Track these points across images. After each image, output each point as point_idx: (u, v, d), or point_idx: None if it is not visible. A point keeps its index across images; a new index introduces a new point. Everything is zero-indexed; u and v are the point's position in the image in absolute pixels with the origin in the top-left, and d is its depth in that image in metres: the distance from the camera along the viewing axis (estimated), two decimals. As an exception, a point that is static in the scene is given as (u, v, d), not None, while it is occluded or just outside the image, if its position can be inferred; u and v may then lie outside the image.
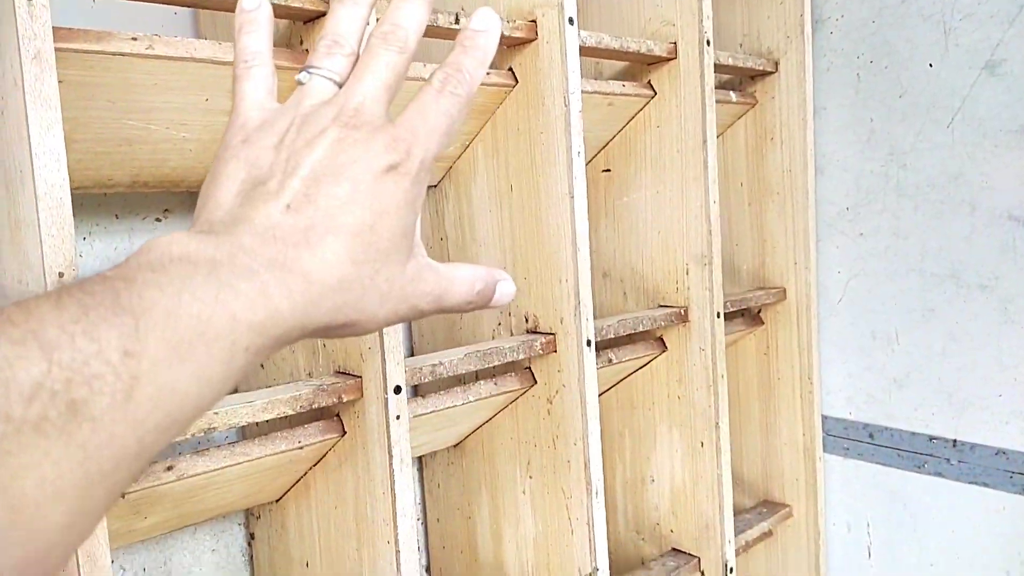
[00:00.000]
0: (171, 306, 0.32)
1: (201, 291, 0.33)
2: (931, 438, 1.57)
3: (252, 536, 1.30)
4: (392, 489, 0.98)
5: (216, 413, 0.86)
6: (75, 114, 0.88)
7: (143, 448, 0.31)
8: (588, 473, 1.22)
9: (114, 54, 0.81)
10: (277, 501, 1.22)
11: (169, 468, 0.89)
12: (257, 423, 1.20)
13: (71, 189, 0.98)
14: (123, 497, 0.86)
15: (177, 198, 1.22)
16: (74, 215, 1.14)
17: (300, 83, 0.43)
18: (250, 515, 1.30)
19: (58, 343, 0.29)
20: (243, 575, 1.32)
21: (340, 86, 0.42)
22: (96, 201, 1.15)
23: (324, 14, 0.95)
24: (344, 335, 0.41)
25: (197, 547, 1.27)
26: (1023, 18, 1.39)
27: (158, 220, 1.21)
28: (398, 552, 0.98)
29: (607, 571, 1.25)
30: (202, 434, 0.86)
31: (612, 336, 1.35)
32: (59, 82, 0.75)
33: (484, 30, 0.43)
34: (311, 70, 0.43)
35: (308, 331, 0.38)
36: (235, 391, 1.26)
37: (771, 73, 1.66)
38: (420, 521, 1.56)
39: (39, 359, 0.29)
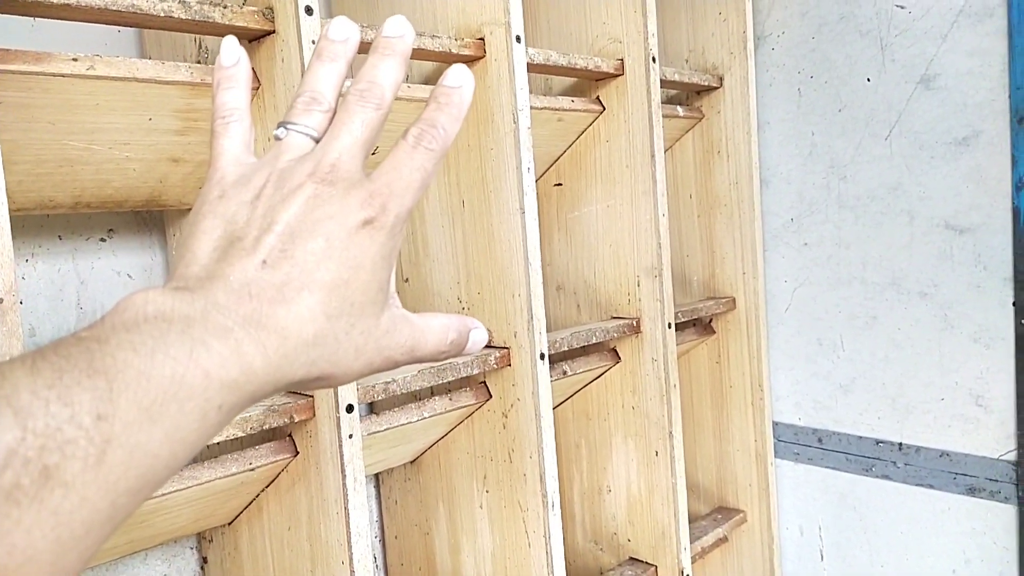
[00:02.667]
0: (144, 367, 0.32)
1: (175, 350, 0.33)
2: (878, 442, 1.62)
3: (205, 560, 1.28)
4: (346, 508, 0.97)
5: (164, 437, 0.85)
6: (14, 136, 0.86)
7: (115, 511, 0.31)
8: (544, 486, 1.23)
9: (54, 75, 0.80)
10: (229, 524, 1.20)
11: (116, 494, 0.87)
12: (207, 445, 1.19)
13: (11, 211, 0.96)
14: (68, 525, 0.84)
15: (121, 218, 1.21)
16: (16, 237, 1.12)
17: (277, 138, 0.43)
18: (202, 539, 1.28)
19: (32, 409, 0.29)
20: (196, 600, 1.30)
21: (317, 141, 0.42)
22: (38, 222, 1.13)
23: (269, 33, 0.95)
24: (318, 387, 0.41)
25: (148, 572, 1.25)
26: (956, 34, 1.45)
27: (103, 240, 1.19)
28: (353, 572, 0.98)
29: (564, 583, 1.26)
30: (150, 459, 0.85)
31: (566, 348, 1.36)
32: (-4, 104, 0.73)
33: (459, 87, 0.43)
34: (288, 126, 0.43)
35: (282, 386, 0.38)
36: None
37: (716, 88, 1.70)
38: (378, 538, 1.55)
39: (13, 426, 0.29)
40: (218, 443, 1.17)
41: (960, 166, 1.45)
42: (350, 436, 0.97)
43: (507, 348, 1.25)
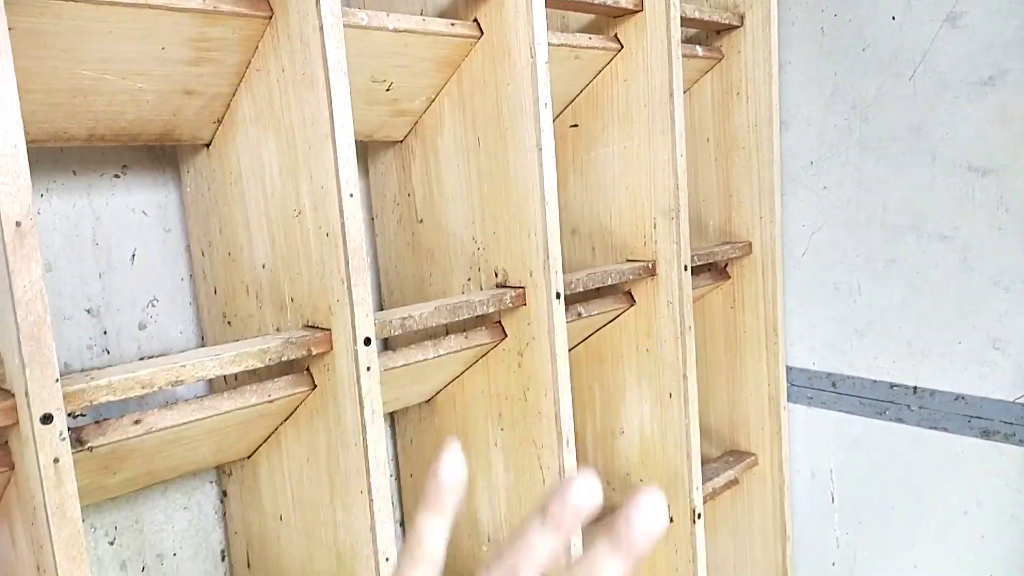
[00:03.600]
0: None
1: None
2: (892, 385, 1.62)
3: (225, 493, 1.30)
4: (364, 440, 0.98)
5: (183, 366, 0.86)
6: (27, 63, 0.85)
7: None
8: (559, 424, 1.24)
9: (66, 0, 0.79)
10: (249, 457, 1.22)
11: (137, 422, 0.88)
12: (226, 379, 1.20)
13: (26, 142, 0.96)
14: (91, 451, 0.85)
15: (135, 154, 1.20)
16: (30, 171, 1.11)
17: None
18: (222, 472, 1.30)
19: None
20: (216, 532, 1.32)
21: None
22: (52, 157, 1.13)
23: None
24: None
25: (169, 505, 1.27)
26: (984, -30, 1.40)
27: (117, 176, 1.19)
28: (371, 501, 0.99)
29: (578, 519, 1.28)
30: (170, 387, 0.86)
31: (581, 290, 1.36)
32: (9, 29, 0.72)
33: (654, 532, 0.32)
34: None
35: None
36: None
37: (737, 27, 1.66)
38: (393, 477, 1.57)
39: None
40: (236, 377, 1.18)
41: (985, 106, 1.42)
42: (368, 369, 0.98)
43: (522, 288, 1.25)
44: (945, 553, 1.58)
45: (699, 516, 1.54)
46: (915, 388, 1.58)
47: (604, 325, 1.58)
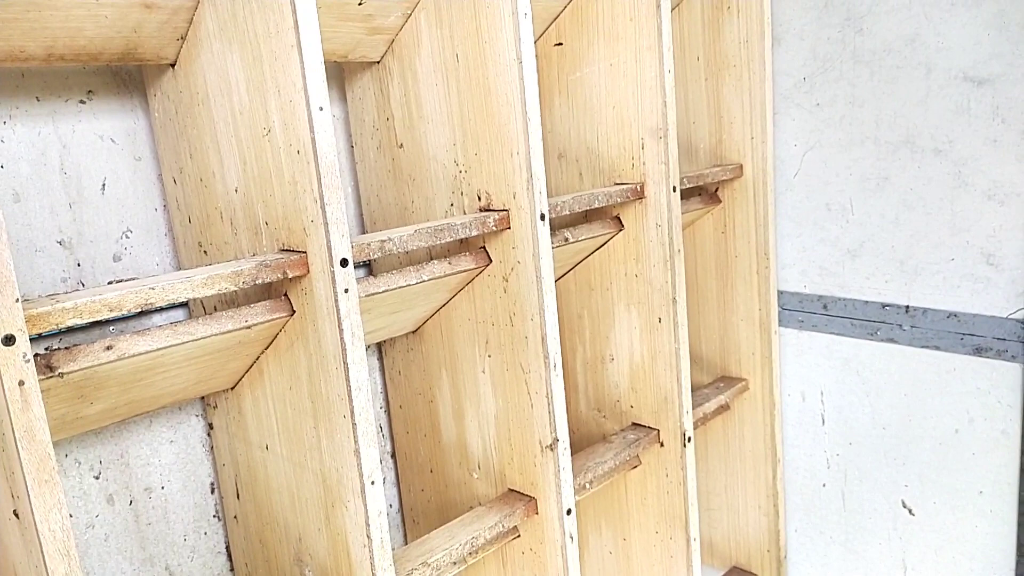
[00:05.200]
0: None
1: None
2: (884, 305, 1.60)
3: (211, 426, 1.29)
4: (345, 363, 0.96)
5: (152, 288, 0.83)
6: (-31, -29, 0.80)
7: None
8: (545, 347, 1.22)
9: None
10: (232, 388, 1.20)
11: (109, 348, 0.86)
12: (204, 308, 1.17)
13: (-23, 60, 0.91)
14: (62, 378, 0.83)
15: (100, 78, 1.15)
16: (-12, 95, 1.07)
17: None
18: (207, 405, 1.28)
19: None
20: (204, 465, 1.32)
21: None
22: (14, 82, 1.08)
23: None
24: None
25: (154, 439, 1.26)
26: None
27: (82, 102, 1.14)
28: (355, 425, 0.98)
29: (567, 441, 1.27)
30: (136, 313, 0.83)
31: (568, 213, 1.33)
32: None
33: None
34: None
35: None
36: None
37: (726, -63, 1.60)
38: (383, 408, 1.56)
39: None
40: (215, 306, 1.16)
41: (982, 12, 1.37)
42: (346, 291, 0.95)
43: (506, 210, 1.22)
44: (936, 471, 1.59)
45: (689, 440, 1.53)
46: (907, 307, 1.57)
47: (593, 252, 1.55)
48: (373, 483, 1.00)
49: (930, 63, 1.44)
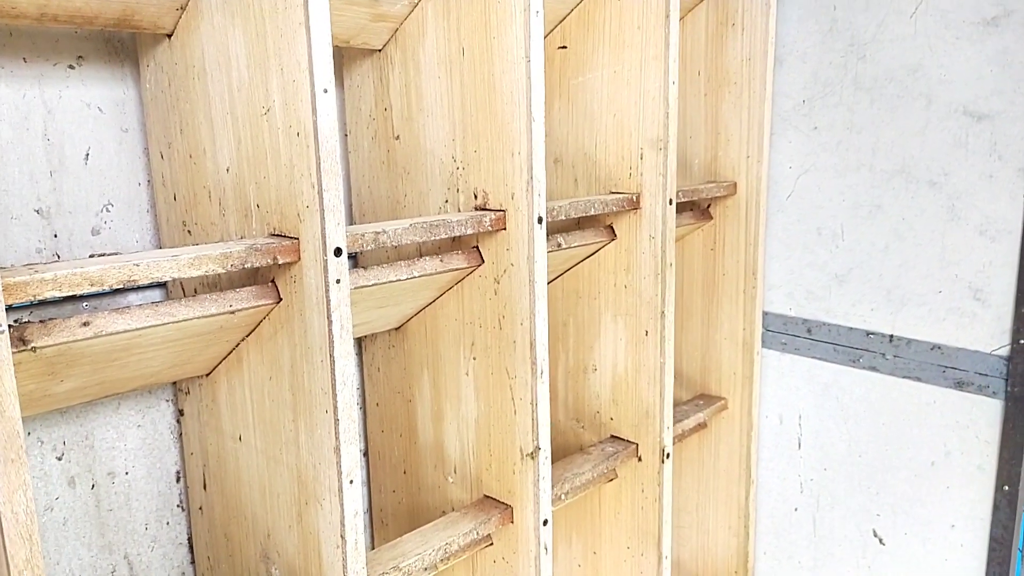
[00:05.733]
0: None
1: None
2: (868, 333, 1.60)
3: (181, 412, 1.24)
4: (331, 356, 0.93)
5: (137, 265, 0.79)
6: (-35, -83, 0.76)
7: None
8: (533, 353, 1.20)
9: None
10: (207, 375, 1.16)
11: (86, 324, 0.82)
12: (184, 291, 1.13)
13: (-35, 12, 0.87)
14: (35, 352, 0.79)
15: (92, 44, 1.11)
16: (-28, 51, 1.02)
17: None
18: (178, 390, 1.24)
19: None
20: (171, 452, 1.27)
21: None
22: (1, 40, 1.03)
23: None
24: None
25: (121, 422, 1.21)
26: (995, -94, 1.35)
27: (71, 67, 1.10)
28: (337, 421, 0.94)
29: (549, 451, 1.25)
30: (129, 288, 0.79)
31: (563, 218, 1.31)
32: None
33: None
34: None
35: None
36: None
37: (736, -46, 1.59)
38: (359, 405, 1.53)
39: None
40: (195, 289, 1.12)
41: (986, 48, 1.38)
42: (337, 281, 0.92)
43: (503, 211, 1.19)
44: (909, 502, 1.59)
45: (668, 456, 1.52)
46: (891, 336, 1.57)
47: (583, 260, 1.53)
48: (352, 482, 0.97)
49: (931, 94, 1.45)
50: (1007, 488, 1.44)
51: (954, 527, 1.53)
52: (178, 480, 1.29)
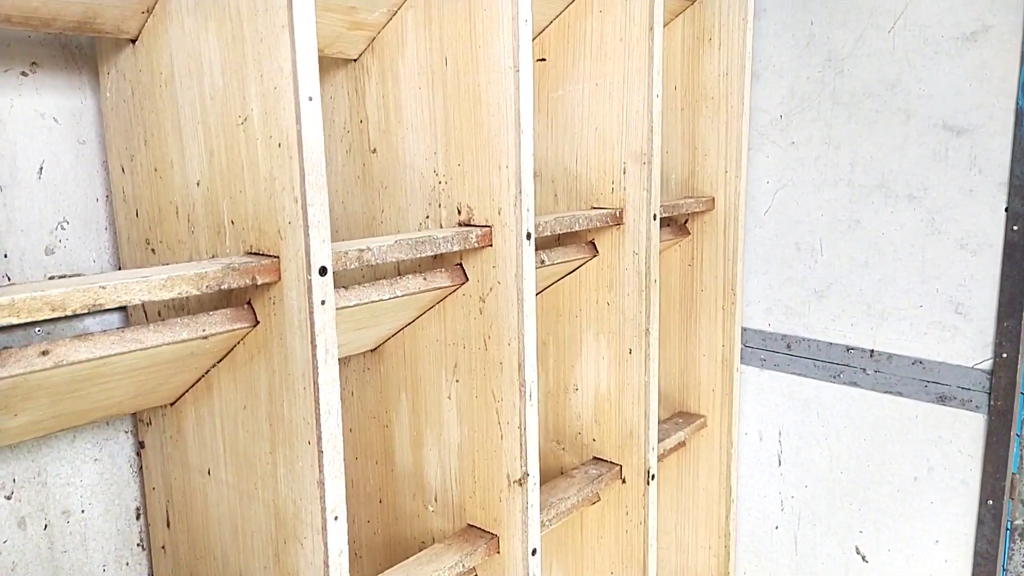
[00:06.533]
0: None
1: None
2: (849, 348, 1.59)
3: (142, 444, 1.16)
4: (315, 383, 0.86)
5: (103, 287, 0.72)
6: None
7: None
8: (522, 375, 1.14)
9: None
10: (172, 404, 1.08)
11: (44, 353, 0.74)
12: (147, 315, 1.05)
13: (-92, 10, 0.79)
14: (-13, 386, 0.71)
15: (47, 49, 1.03)
16: (-86, 54, 0.93)
17: None
18: (139, 421, 1.15)
19: None
20: (131, 487, 1.18)
21: None
22: (-57, 43, 0.95)
23: None
24: None
25: (76, 456, 1.12)
26: (967, -76, 1.35)
27: (24, 74, 1.02)
28: (321, 453, 0.88)
29: (537, 476, 1.19)
30: (86, 312, 0.72)
31: (548, 234, 1.26)
32: None
33: None
34: None
35: None
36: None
37: (713, -32, 1.58)
38: (330, 432, 1.45)
39: None
40: (159, 312, 1.04)
41: (964, 63, 1.38)
42: (323, 302, 0.86)
43: (489, 227, 1.14)
44: (892, 518, 1.58)
45: (653, 477, 1.48)
46: (872, 351, 1.56)
47: (563, 276, 1.49)
48: (336, 519, 0.90)
49: (910, 109, 1.45)
50: (991, 503, 1.44)
51: (938, 543, 1.52)
52: (138, 517, 1.20)
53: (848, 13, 1.49)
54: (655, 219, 1.39)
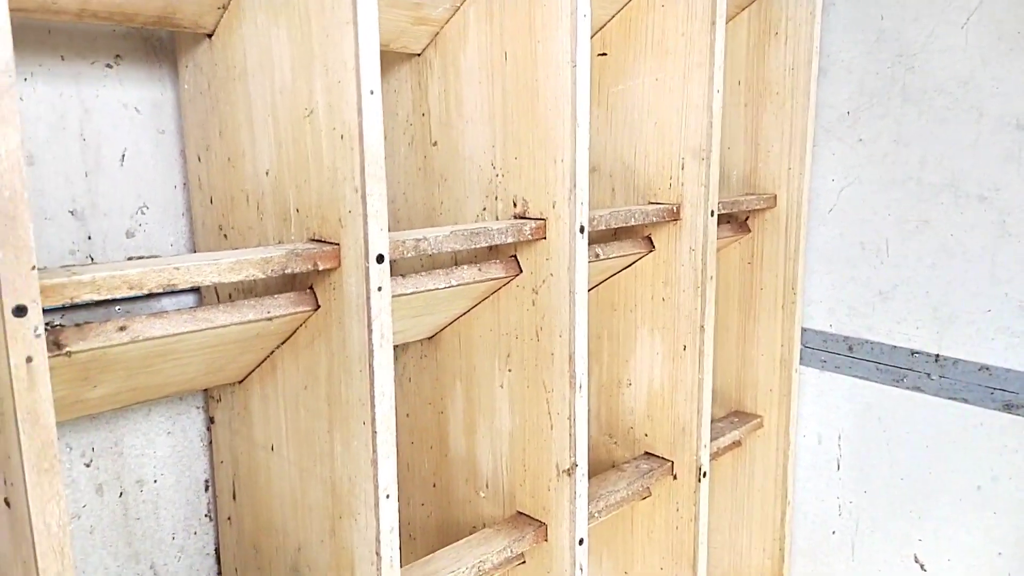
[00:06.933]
0: None
1: None
2: (913, 352, 1.55)
3: (212, 420, 1.22)
4: (371, 366, 0.90)
5: (177, 268, 0.77)
6: (11, -90, 0.74)
7: None
8: (572, 366, 1.16)
9: None
10: (240, 382, 1.13)
11: (122, 328, 0.79)
12: (219, 297, 1.11)
13: (10, 10, 0.85)
14: (69, 357, 0.77)
15: (130, 43, 1.09)
16: (14, 49, 1.00)
17: None
18: (210, 398, 1.21)
19: None
20: (201, 460, 1.25)
21: None
22: (38, 37, 1.02)
23: None
24: None
25: (151, 429, 1.19)
26: (1051, -85, 1.31)
27: (109, 66, 1.08)
28: (375, 433, 0.91)
29: (586, 467, 1.21)
30: (163, 292, 0.77)
31: (603, 228, 1.27)
32: None
33: None
34: None
35: None
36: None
37: (781, -38, 1.56)
38: (388, 416, 1.50)
39: None
40: (230, 294, 1.10)
41: (1043, 60, 1.33)
42: (379, 289, 0.89)
43: (543, 219, 1.16)
44: (953, 528, 1.54)
45: (704, 474, 1.47)
46: (937, 356, 1.52)
47: (619, 271, 1.50)
48: (388, 497, 0.93)
49: (982, 107, 1.40)
50: (1059, 516, 1.39)
51: (1001, 555, 1.48)
52: (206, 489, 1.27)
53: (920, 8, 1.45)
54: (713, 215, 1.38)
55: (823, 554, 1.75)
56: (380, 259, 0.89)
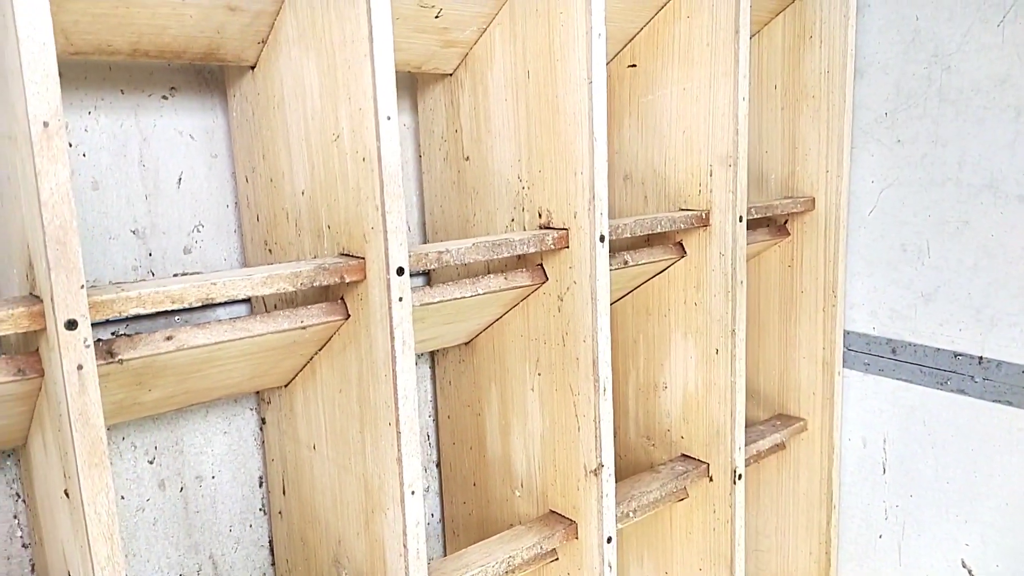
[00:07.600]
0: None
1: None
2: (956, 354, 1.53)
3: (263, 420, 1.31)
4: (394, 371, 0.97)
5: (214, 283, 0.85)
6: (68, -31, 0.84)
7: None
8: (596, 371, 1.21)
9: (103, -100, 0.77)
10: (286, 386, 1.22)
11: (169, 338, 0.88)
12: (266, 307, 1.20)
13: (69, 54, 0.95)
14: (122, 364, 0.86)
15: (183, 75, 1.19)
16: (78, 87, 1.12)
17: None
18: (261, 400, 1.31)
19: None
20: (255, 459, 1.34)
21: None
22: (100, 74, 1.13)
23: None
24: None
25: (208, 429, 1.29)
26: (1094, -94, 1.28)
27: (164, 98, 1.19)
28: (399, 433, 0.98)
29: (612, 468, 1.25)
30: (200, 306, 0.85)
31: (629, 235, 1.31)
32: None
33: None
34: None
35: None
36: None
37: (813, -34, 1.56)
38: (431, 417, 1.57)
39: None
40: (276, 304, 1.19)
41: (1083, 55, 1.31)
42: (400, 299, 0.96)
43: (566, 229, 1.21)
44: (1000, 532, 1.51)
45: (739, 476, 1.49)
46: (981, 358, 1.49)
47: (652, 277, 1.53)
48: (413, 493, 1.00)
49: (1020, 106, 1.38)
50: (1110, 522, 1.35)
51: (1052, 562, 1.44)
52: (260, 485, 1.36)
53: (954, 7, 1.44)
54: (741, 221, 1.40)
55: (870, 558, 1.73)
56: (400, 271, 0.96)
